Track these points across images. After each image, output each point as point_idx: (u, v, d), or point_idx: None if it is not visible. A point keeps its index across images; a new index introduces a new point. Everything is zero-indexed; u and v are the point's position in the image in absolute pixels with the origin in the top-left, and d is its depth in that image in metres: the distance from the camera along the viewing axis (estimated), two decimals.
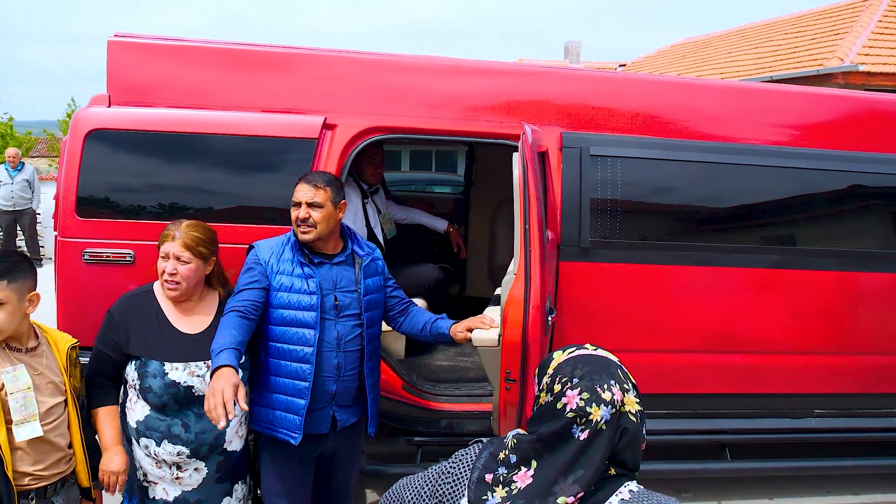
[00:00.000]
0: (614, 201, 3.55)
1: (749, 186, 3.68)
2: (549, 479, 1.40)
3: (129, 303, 2.68)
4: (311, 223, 2.77)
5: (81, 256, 3.29)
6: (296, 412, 2.74)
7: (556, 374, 1.47)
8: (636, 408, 1.44)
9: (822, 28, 13.94)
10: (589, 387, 1.41)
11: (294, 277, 2.76)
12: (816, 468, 4.11)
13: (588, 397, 1.40)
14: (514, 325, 2.69)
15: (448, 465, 1.57)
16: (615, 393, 1.41)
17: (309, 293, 2.75)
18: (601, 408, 1.39)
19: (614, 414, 1.40)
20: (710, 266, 3.63)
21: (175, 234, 2.63)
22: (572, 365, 1.46)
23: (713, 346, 3.71)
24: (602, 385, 1.41)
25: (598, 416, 1.39)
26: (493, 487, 1.45)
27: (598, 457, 1.39)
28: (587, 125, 3.61)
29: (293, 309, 2.74)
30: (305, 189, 2.79)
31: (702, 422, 3.85)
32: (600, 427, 1.39)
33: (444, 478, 1.55)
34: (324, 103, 3.46)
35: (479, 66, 3.73)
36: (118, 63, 3.40)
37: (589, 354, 1.49)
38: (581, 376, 1.43)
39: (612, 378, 1.43)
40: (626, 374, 1.48)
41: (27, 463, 2.33)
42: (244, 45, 3.51)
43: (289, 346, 2.75)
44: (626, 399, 1.43)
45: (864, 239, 3.87)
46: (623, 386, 1.44)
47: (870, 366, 3.92)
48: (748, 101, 3.79)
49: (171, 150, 3.35)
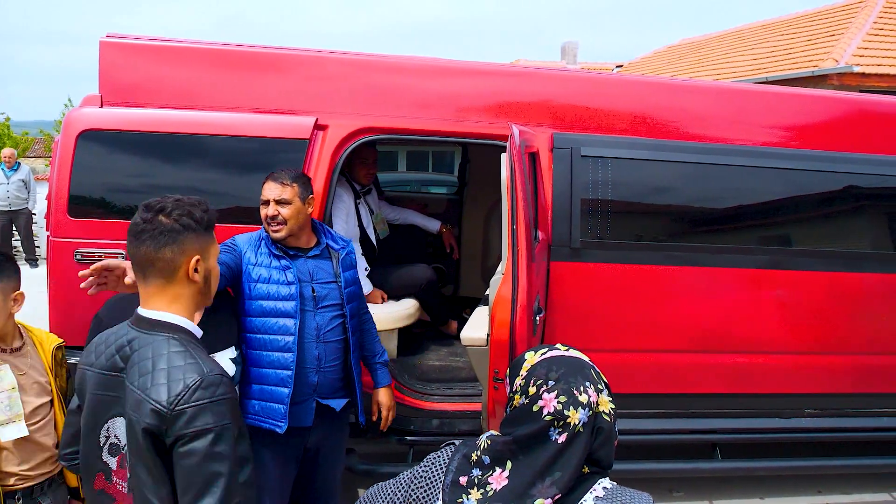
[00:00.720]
0: (605, 202, 3.56)
1: (740, 187, 3.70)
2: (526, 482, 1.40)
3: (118, 305, 2.64)
4: (280, 220, 2.81)
5: (73, 256, 3.30)
6: (280, 401, 2.76)
7: (531, 377, 1.47)
8: (609, 407, 1.45)
9: (818, 29, 13.98)
10: (566, 389, 1.41)
11: (272, 269, 2.79)
12: (807, 468, 4.12)
13: (566, 400, 1.40)
14: (502, 324, 2.71)
15: (420, 469, 1.56)
16: (591, 395, 1.41)
17: (287, 283, 2.78)
18: (579, 411, 1.39)
19: (590, 416, 1.40)
20: (700, 266, 3.65)
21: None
22: (546, 367, 1.46)
23: (704, 346, 3.73)
24: (578, 387, 1.41)
25: (577, 419, 1.39)
26: (468, 490, 1.45)
27: (576, 459, 1.40)
28: (578, 126, 3.62)
29: (272, 300, 2.77)
30: (272, 187, 2.84)
31: (693, 421, 3.87)
32: (578, 430, 1.39)
33: (416, 482, 1.54)
34: (315, 104, 3.47)
35: (470, 66, 3.75)
36: (110, 64, 3.41)
37: (562, 356, 1.49)
38: (557, 379, 1.43)
39: (587, 380, 1.43)
40: (599, 374, 1.48)
41: (13, 463, 2.33)
42: (235, 46, 3.53)
43: (270, 336, 2.77)
44: (601, 399, 1.44)
45: (855, 239, 3.89)
46: (597, 387, 1.44)
47: (860, 366, 3.93)
48: (740, 103, 3.81)
49: (163, 150, 3.35)
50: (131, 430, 1.62)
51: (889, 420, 4.08)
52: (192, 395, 1.56)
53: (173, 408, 1.55)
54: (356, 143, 3.48)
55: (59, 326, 3.34)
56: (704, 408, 3.89)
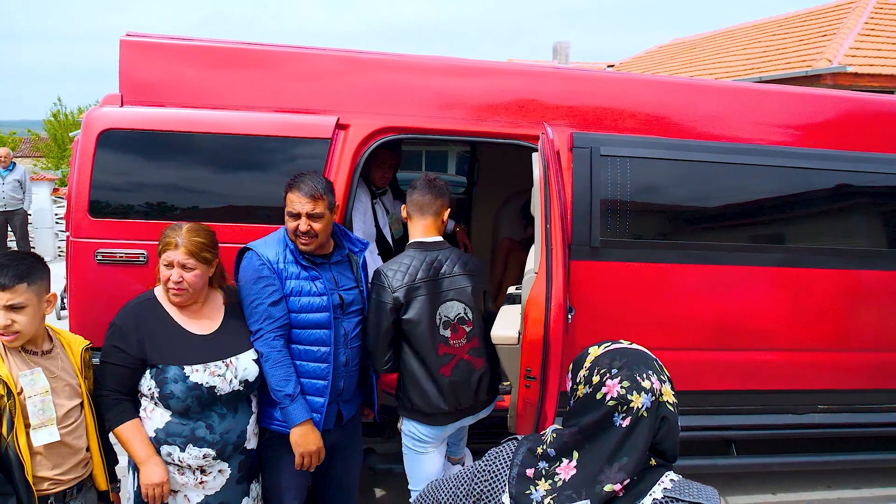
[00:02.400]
0: (624, 201, 3.59)
1: (755, 186, 3.73)
2: (595, 468, 1.43)
3: (135, 312, 2.63)
4: (312, 234, 2.76)
5: (94, 257, 3.27)
6: (317, 410, 2.78)
7: (594, 367, 1.50)
8: (673, 399, 1.48)
9: (810, 29, 14.11)
10: (629, 375, 1.45)
11: (302, 281, 2.77)
12: (819, 463, 4.16)
13: (629, 385, 1.43)
14: (536, 323, 2.72)
15: (483, 464, 1.58)
16: (654, 382, 1.45)
17: (319, 294, 2.77)
18: (642, 395, 1.43)
19: (654, 402, 1.43)
20: (718, 265, 3.68)
21: (177, 241, 2.58)
22: (610, 357, 1.50)
23: (721, 344, 3.76)
24: (641, 374, 1.45)
25: (640, 402, 1.43)
26: (536, 481, 1.47)
27: (642, 443, 1.42)
28: (597, 125, 3.64)
29: (306, 312, 2.76)
30: (304, 201, 2.73)
31: (709, 418, 3.90)
32: (641, 414, 1.42)
33: (480, 476, 1.56)
34: (336, 103, 3.47)
35: (492, 66, 3.75)
36: (130, 63, 3.38)
37: (625, 348, 1.53)
38: (620, 367, 1.47)
39: (650, 369, 1.47)
40: (662, 367, 1.52)
41: (46, 468, 2.32)
42: (256, 45, 3.51)
43: (304, 346, 2.78)
44: (664, 389, 1.46)
45: (870, 237, 3.93)
46: (660, 377, 1.47)
47: (871, 362, 3.98)
48: (760, 102, 3.85)
49: (184, 149, 3.34)
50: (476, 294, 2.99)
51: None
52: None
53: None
54: (377, 142, 3.48)
55: (80, 327, 3.31)
56: (720, 404, 3.92)
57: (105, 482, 2.52)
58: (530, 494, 1.47)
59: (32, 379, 2.30)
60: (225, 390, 2.59)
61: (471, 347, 2.96)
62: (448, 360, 2.91)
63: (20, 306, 2.25)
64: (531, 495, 1.46)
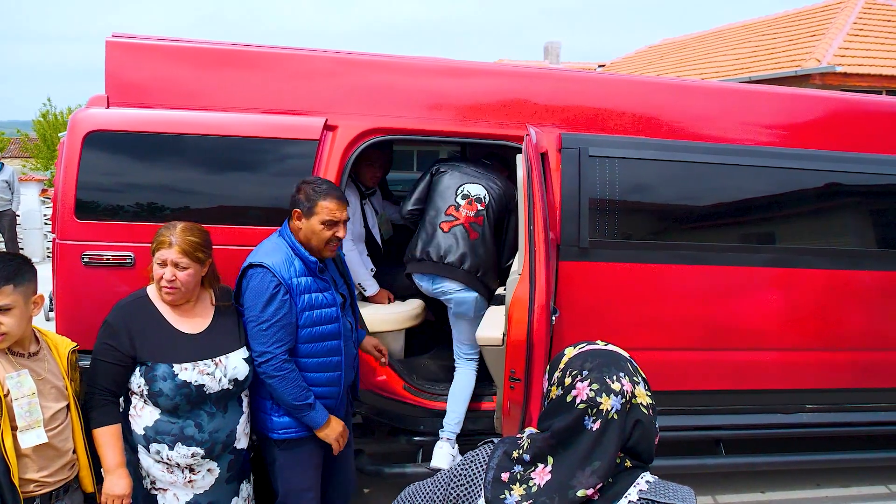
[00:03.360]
0: (613, 202, 3.59)
1: (744, 186, 3.75)
2: (567, 473, 1.42)
3: (126, 310, 2.63)
4: (340, 239, 2.82)
5: (81, 259, 3.25)
6: (334, 409, 2.89)
7: (567, 369, 1.50)
8: (647, 401, 1.46)
9: (799, 30, 14.18)
10: (598, 378, 1.43)
11: (314, 294, 2.78)
12: (807, 462, 4.18)
13: (598, 388, 1.42)
14: (519, 324, 2.73)
15: (459, 468, 1.57)
16: (625, 384, 1.43)
17: (328, 305, 2.80)
18: (611, 397, 1.41)
19: (625, 404, 1.42)
20: (707, 265, 3.69)
21: (171, 239, 2.59)
22: (582, 359, 1.49)
23: (710, 344, 3.77)
24: (612, 376, 1.43)
25: (609, 405, 1.41)
26: (510, 486, 1.46)
27: (612, 447, 1.41)
28: (586, 126, 3.65)
29: (319, 324, 2.79)
30: (342, 208, 2.79)
31: (698, 418, 3.92)
32: (612, 416, 1.41)
33: (456, 480, 1.55)
34: (325, 104, 3.46)
35: (480, 67, 3.76)
36: (116, 64, 3.36)
37: (598, 349, 1.52)
38: (590, 369, 1.45)
39: (622, 371, 1.45)
40: (636, 369, 1.50)
41: (32, 470, 2.31)
42: (244, 46, 3.50)
43: (318, 359, 2.81)
44: (637, 391, 1.45)
45: (856, 237, 3.96)
46: (633, 378, 1.46)
47: (858, 361, 4.01)
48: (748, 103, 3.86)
49: (172, 151, 3.32)
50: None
51: (887, 414, 4.16)
52: None
53: None
54: (366, 143, 3.47)
55: (66, 329, 3.29)
56: (709, 404, 3.94)
57: (91, 484, 2.51)
58: (505, 499, 1.45)
59: (19, 381, 2.29)
60: (214, 389, 2.59)
61: (474, 221, 3.63)
62: (451, 219, 3.61)
63: (6, 308, 2.24)
64: (506, 500, 1.45)
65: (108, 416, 2.55)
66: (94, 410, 2.54)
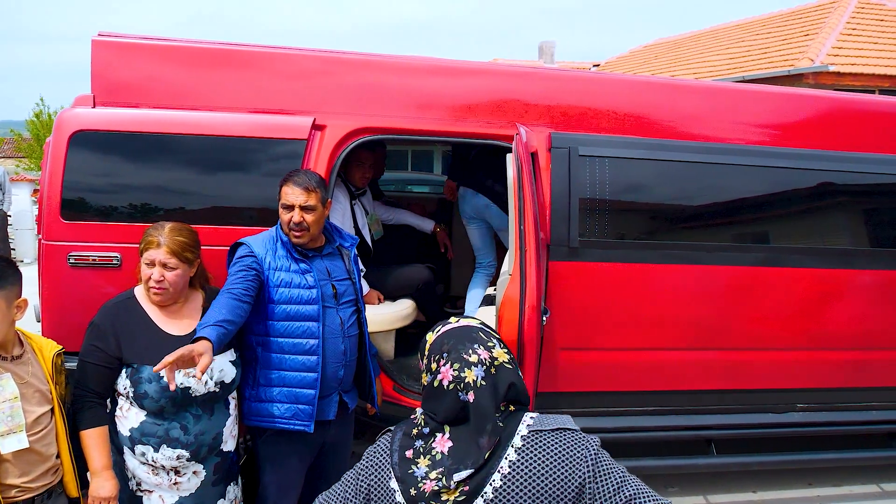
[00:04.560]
0: (603, 201, 3.58)
1: (735, 186, 3.74)
2: (468, 442, 1.53)
3: (113, 311, 2.62)
4: (304, 226, 2.79)
5: (67, 260, 3.23)
6: (308, 402, 2.79)
7: (431, 354, 1.64)
8: (506, 357, 1.61)
9: (793, 29, 14.22)
10: (456, 357, 1.58)
11: (292, 273, 2.79)
12: (798, 461, 4.18)
13: (458, 366, 1.56)
14: (510, 324, 2.72)
15: (364, 460, 1.66)
16: (481, 353, 1.58)
17: (308, 287, 2.79)
18: (472, 370, 1.56)
19: (488, 369, 1.57)
20: (697, 265, 3.68)
21: (160, 239, 2.59)
22: (440, 342, 1.63)
23: (700, 343, 3.76)
24: (467, 351, 1.58)
25: (473, 376, 1.55)
26: (416, 460, 1.56)
27: (491, 407, 1.55)
28: (577, 125, 3.64)
29: (295, 303, 2.77)
30: (297, 192, 2.79)
31: (688, 418, 3.91)
32: (479, 384, 1.56)
33: (364, 472, 1.63)
34: (313, 104, 3.44)
35: (470, 66, 3.74)
36: (103, 63, 3.34)
37: (451, 328, 1.66)
38: (448, 350, 1.60)
39: (475, 342, 1.60)
40: (489, 333, 1.65)
41: (14, 475, 2.27)
42: (231, 45, 3.48)
43: (294, 339, 2.79)
44: (496, 353, 1.60)
45: (849, 236, 3.95)
46: (487, 345, 1.60)
47: (849, 360, 4.01)
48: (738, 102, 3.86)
49: (158, 151, 3.30)
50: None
51: (877, 413, 4.16)
52: None
53: None
54: (354, 143, 3.45)
55: (52, 332, 3.27)
56: (700, 404, 3.93)
57: (76, 489, 2.48)
58: (413, 472, 1.54)
59: (1, 385, 2.26)
60: (200, 391, 2.57)
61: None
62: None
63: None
64: (415, 473, 1.54)
65: (95, 418, 2.54)
66: (81, 412, 2.53)
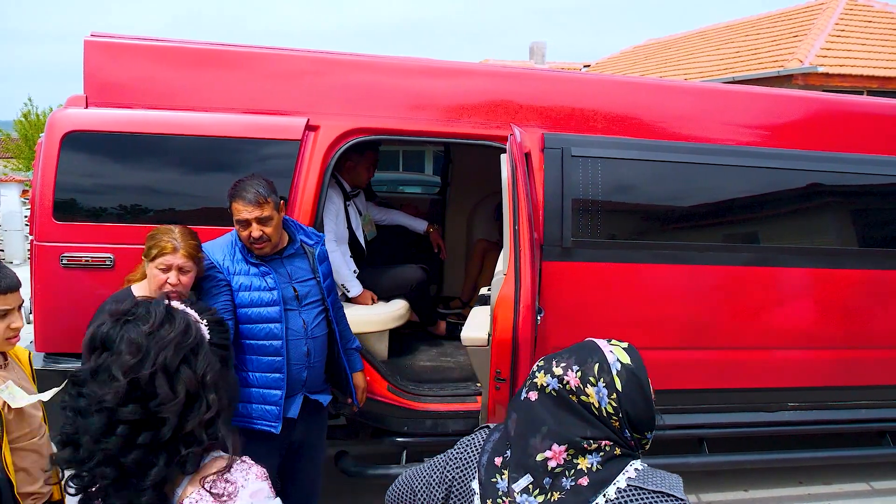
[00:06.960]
0: (595, 201, 3.60)
1: (726, 186, 3.77)
2: (523, 445, 1.43)
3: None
4: (265, 238, 2.77)
5: (59, 261, 3.21)
6: (274, 403, 2.80)
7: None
8: (594, 399, 1.40)
9: (782, 30, 14.30)
10: (547, 359, 1.48)
11: (252, 277, 2.80)
12: (790, 460, 4.21)
13: (541, 365, 1.47)
14: (505, 324, 2.72)
15: (455, 451, 1.59)
16: (569, 374, 1.42)
17: (269, 289, 2.79)
18: (547, 376, 1.44)
19: (561, 389, 1.41)
20: (689, 264, 3.71)
21: (175, 244, 2.62)
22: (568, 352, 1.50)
23: (693, 343, 3.79)
24: (561, 363, 1.44)
25: (544, 381, 1.44)
26: (503, 470, 1.47)
27: (548, 413, 1.42)
28: (569, 126, 3.65)
29: (256, 306, 2.78)
30: (250, 208, 2.73)
31: (681, 417, 3.93)
32: (549, 392, 1.43)
33: (452, 463, 1.57)
34: (306, 104, 3.44)
35: (463, 67, 3.75)
36: (95, 64, 3.33)
37: (590, 343, 1.49)
38: (559, 355, 1.48)
39: (578, 364, 1.43)
40: (603, 371, 1.42)
41: (28, 483, 2.25)
42: (224, 46, 3.47)
43: (258, 341, 2.80)
44: (588, 391, 1.40)
45: (837, 236, 3.98)
46: (588, 378, 1.41)
47: (840, 359, 4.04)
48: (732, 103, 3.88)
49: (151, 152, 3.28)
50: None
51: (867, 412, 4.20)
52: None
53: None
54: (348, 143, 3.45)
55: (45, 333, 3.26)
56: (692, 403, 3.95)
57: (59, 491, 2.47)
58: (496, 483, 1.46)
59: (10, 393, 2.23)
60: None
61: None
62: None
63: None
64: (497, 484, 1.45)
65: None
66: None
